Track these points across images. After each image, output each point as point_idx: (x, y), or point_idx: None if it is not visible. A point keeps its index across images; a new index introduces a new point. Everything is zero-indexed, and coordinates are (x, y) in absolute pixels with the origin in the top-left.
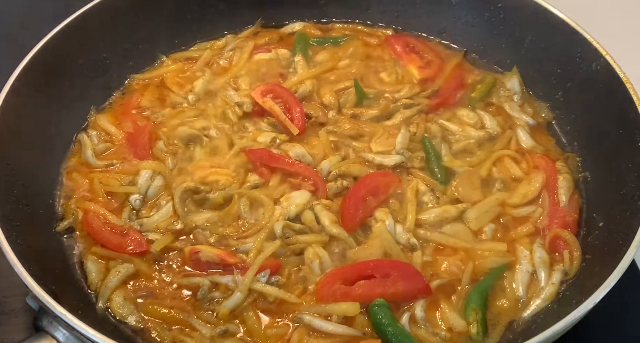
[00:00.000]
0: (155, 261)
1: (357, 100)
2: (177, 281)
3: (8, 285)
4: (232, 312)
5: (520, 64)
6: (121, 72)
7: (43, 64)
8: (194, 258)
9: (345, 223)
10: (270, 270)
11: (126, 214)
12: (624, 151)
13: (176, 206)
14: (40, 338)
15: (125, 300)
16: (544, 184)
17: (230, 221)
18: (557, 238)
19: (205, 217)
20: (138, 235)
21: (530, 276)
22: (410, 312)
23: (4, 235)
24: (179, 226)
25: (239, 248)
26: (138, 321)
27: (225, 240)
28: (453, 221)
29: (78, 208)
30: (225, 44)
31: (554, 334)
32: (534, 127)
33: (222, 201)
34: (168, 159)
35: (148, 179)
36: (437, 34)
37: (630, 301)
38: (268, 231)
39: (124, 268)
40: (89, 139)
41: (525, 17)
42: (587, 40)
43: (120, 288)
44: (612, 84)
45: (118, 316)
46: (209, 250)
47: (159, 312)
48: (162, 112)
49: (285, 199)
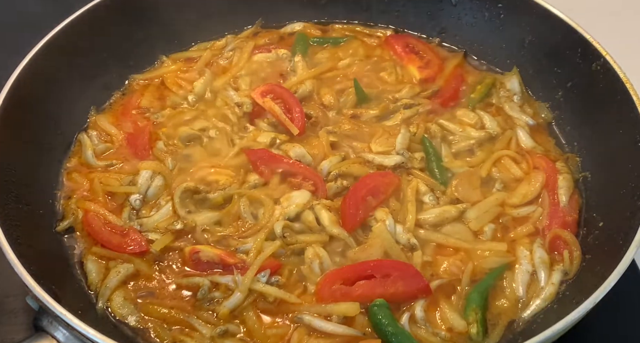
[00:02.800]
0: (156, 262)
1: (357, 100)
2: (177, 282)
3: (8, 285)
4: (232, 312)
5: (520, 64)
6: (121, 72)
7: (44, 64)
8: (194, 258)
9: (345, 223)
10: (271, 270)
11: (126, 214)
12: (624, 151)
13: (176, 206)
14: (40, 338)
15: (125, 300)
16: (544, 184)
17: (230, 221)
18: (557, 238)
19: (205, 217)
20: (138, 235)
21: (530, 276)
22: (410, 312)
23: (4, 235)
24: (179, 226)
25: (238, 248)
26: (138, 321)
27: (225, 240)
28: (453, 222)
29: (78, 208)
30: (225, 44)
31: (554, 334)
32: (534, 128)
33: (222, 201)
34: (168, 159)
35: (148, 179)
36: (437, 34)
37: (630, 301)
38: (268, 231)
39: (124, 268)
40: (89, 139)
41: (525, 17)
42: (587, 40)
43: (120, 288)
44: (612, 84)
45: (118, 316)
46: (209, 250)
47: (159, 311)
48: (162, 112)
49: (285, 199)
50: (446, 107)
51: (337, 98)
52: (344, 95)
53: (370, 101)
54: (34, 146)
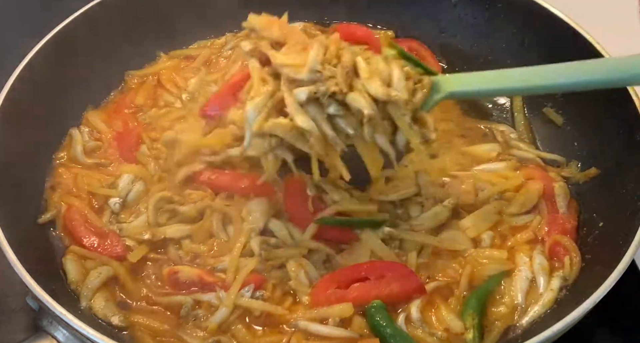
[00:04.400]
0: (134, 270)
1: None
2: (157, 300)
3: (8, 285)
4: (220, 326)
5: (520, 64)
6: (119, 69)
7: (46, 58)
8: (172, 278)
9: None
10: (255, 285)
11: (107, 217)
12: (623, 151)
13: (150, 214)
14: (40, 338)
15: (107, 302)
16: (541, 193)
17: (203, 237)
18: (556, 244)
19: (177, 230)
20: (117, 239)
21: (529, 283)
22: (406, 313)
23: (4, 235)
24: (147, 237)
25: (216, 267)
26: (122, 321)
27: (200, 258)
28: (449, 229)
29: (62, 202)
30: (224, 42)
31: (554, 334)
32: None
33: (196, 215)
34: (151, 163)
35: (129, 183)
36: (437, 33)
37: (630, 301)
38: (240, 247)
39: (104, 270)
40: (80, 134)
41: (525, 17)
42: (587, 40)
43: (101, 289)
44: None
45: (101, 316)
46: (188, 269)
47: (145, 323)
48: (149, 113)
49: (246, 212)
50: None
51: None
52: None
53: None
54: (30, 137)
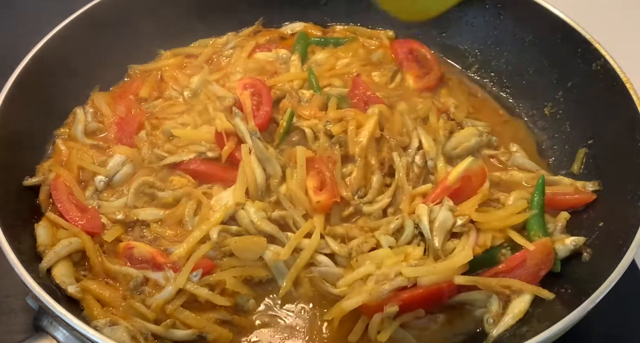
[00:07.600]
0: (101, 246)
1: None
2: (111, 267)
3: (8, 285)
4: (163, 306)
5: (520, 64)
6: (120, 67)
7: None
8: (127, 254)
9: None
10: (203, 270)
11: (90, 193)
12: (624, 151)
13: (129, 196)
14: (40, 338)
15: (68, 271)
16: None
17: (173, 223)
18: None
19: (150, 213)
20: (95, 216)
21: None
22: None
23: (4, 235)
24: (120, 217)
25: (169, 249)
26: (78, 291)
27: (160, 240)
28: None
29: (51, 171)
30: (226, 41)
31: (554, 334)
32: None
33: (172, 201)
34: (144, 148)
35: (119, 164)
36: (437, 33)
37: (630, 301)
38: (200, 235)
39: (75, 241)
40: (84, 114)
41: (525, 17)
42: (587, 40)
43: (67, 259)
44: (612, 84)
45: (59, 281)
46: (143, 247)
47: (96, 291)
48: (154, 103)
49: (215, 201)
50: None
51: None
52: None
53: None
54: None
